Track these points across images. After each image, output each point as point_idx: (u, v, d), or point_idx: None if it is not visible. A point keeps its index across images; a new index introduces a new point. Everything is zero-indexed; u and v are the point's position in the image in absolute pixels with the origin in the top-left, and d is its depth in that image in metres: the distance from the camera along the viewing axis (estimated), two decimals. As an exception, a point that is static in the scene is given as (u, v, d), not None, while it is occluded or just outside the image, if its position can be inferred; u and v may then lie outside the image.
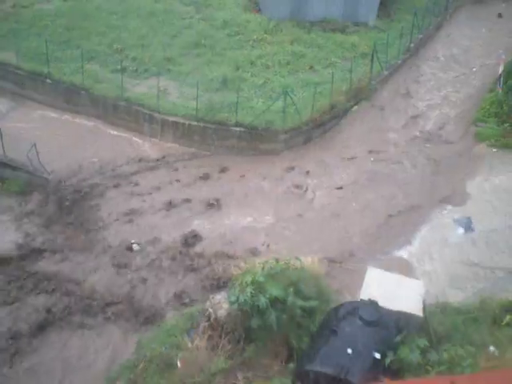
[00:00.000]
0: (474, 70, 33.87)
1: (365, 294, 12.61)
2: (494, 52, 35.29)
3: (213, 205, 23.82)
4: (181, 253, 21.31)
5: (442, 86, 33.08)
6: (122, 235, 22.14)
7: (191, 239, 21.97)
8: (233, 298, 12.84)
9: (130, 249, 21.51)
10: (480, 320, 13.69)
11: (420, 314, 12.39)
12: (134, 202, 23.91)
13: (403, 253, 20.30)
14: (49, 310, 18.75)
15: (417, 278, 17.64)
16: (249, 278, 12.79)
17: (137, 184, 24.93)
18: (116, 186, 24.66)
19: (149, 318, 18.85)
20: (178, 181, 25.26)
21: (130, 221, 22.88)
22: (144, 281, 20.22)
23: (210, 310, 13.41)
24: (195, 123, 26.82)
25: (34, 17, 34.34)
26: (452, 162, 26.18)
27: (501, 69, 30.24)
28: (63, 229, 22.21)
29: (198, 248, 21.61)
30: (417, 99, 31.72)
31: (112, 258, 21.04)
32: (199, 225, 22.76)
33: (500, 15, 40.05)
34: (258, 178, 25.63)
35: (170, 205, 23.69)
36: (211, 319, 13.29)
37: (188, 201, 23.98)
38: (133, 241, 21.82)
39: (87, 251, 21.28)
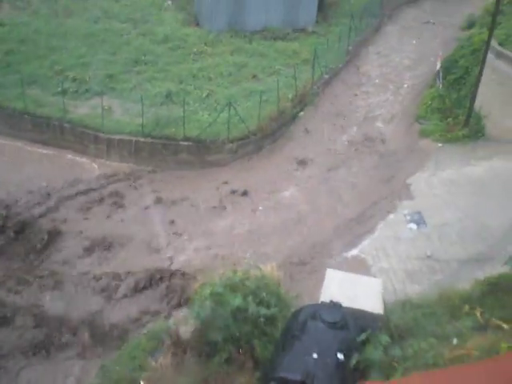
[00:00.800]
0: (405, 86, 34.42)
1: (325, 295, 12.63)
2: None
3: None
4: None
5: (383, 84, 33.71)
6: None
7: None
8: (194, 313, 12.71)
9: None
10: (439, 312, 13.86)
11: (381, 311, 12.48)
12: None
13: (359, 252, 20.45)
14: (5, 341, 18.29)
15: (374, 276, 17.83)
16: (207, 291, 12.68)
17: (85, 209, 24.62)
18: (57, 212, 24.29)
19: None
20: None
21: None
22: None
23: (172, 327, 13.24)
24: (142, 140, 26.61)
25: (-30, 45, 33.46)
26: (398, 160, 26.60)
27: (438, 65, 30.92)
28: (13, 259, 21.67)
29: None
30: (359, 99, 32.21)
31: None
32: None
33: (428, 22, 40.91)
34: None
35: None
36: (174, 336, 13.12)
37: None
38: None
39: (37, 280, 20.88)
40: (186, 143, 26.53)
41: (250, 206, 24.62)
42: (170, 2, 39.78)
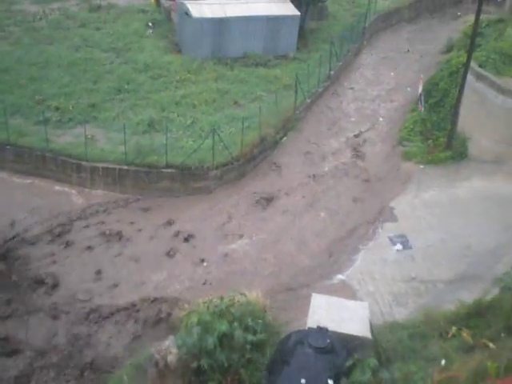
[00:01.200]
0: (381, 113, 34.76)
1: (312, 321, 12.59)
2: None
3: None
4: None
5: (363, 107, 34.10)
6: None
7: None
8: (180, 342, 12.61)
9: None
10: (427, 334, 13.88)
11: (368, 335, 12.45)
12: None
13: (345, 276, 20.45)
14: None
15: (361, 300, 17.81)
16: (194, 319, 12.61)
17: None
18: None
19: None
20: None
21: None
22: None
23: (158, 356, 13.10)
24: (125, 168, 26.52)
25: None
26: (382, 182, 26.77)
27: (420, 88, 31.27)
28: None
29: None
30: (341, 124, 32.50)
31: None
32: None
33: (408, 50, 41.28)
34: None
35: None
36: (160, 366, 12.98)
37: None
38: None
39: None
40: (168, 170, 26.52)
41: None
42: (151, 31, 40.09)
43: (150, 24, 40.81)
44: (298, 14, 37.89)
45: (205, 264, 22.68)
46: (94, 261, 22.95)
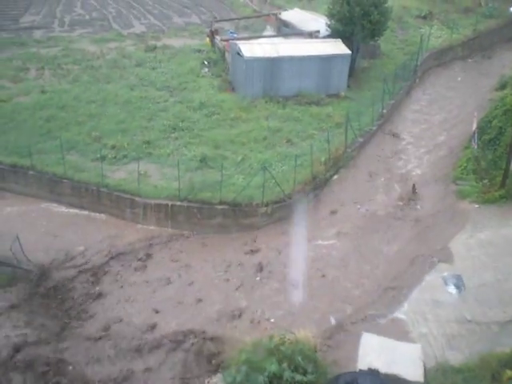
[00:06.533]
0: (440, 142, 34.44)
1: (363, 362, 12.41)
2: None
3: None
4: None
5: (418, 145, 33.82)
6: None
7: None
8: (229, 380, 12.60)
9: None
10: (480, 377, 13.51)
11: (421, 378, 12.21)
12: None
13: (398, 316, 20.07)
14: None
15: (413, 341, 17.42)
16: (243, 357, 12.60)
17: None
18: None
19: None
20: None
21: None
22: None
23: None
24: (178, 204, 26.89)
25: (12, 111, 34.74)
26: (436, 221, 26.35)
27: (474, 125, 30.85)
28: (48, 321, 21.77)
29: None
30: (393, 162, 32.28)
31: None
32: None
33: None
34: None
35: None
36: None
37: None
38: None
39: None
40: (221, 207, 26.77)
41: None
42: (206, 70, 40.95)
43: (206, 62, 41.67)
44: (349, 53, 38.22)
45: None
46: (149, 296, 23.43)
